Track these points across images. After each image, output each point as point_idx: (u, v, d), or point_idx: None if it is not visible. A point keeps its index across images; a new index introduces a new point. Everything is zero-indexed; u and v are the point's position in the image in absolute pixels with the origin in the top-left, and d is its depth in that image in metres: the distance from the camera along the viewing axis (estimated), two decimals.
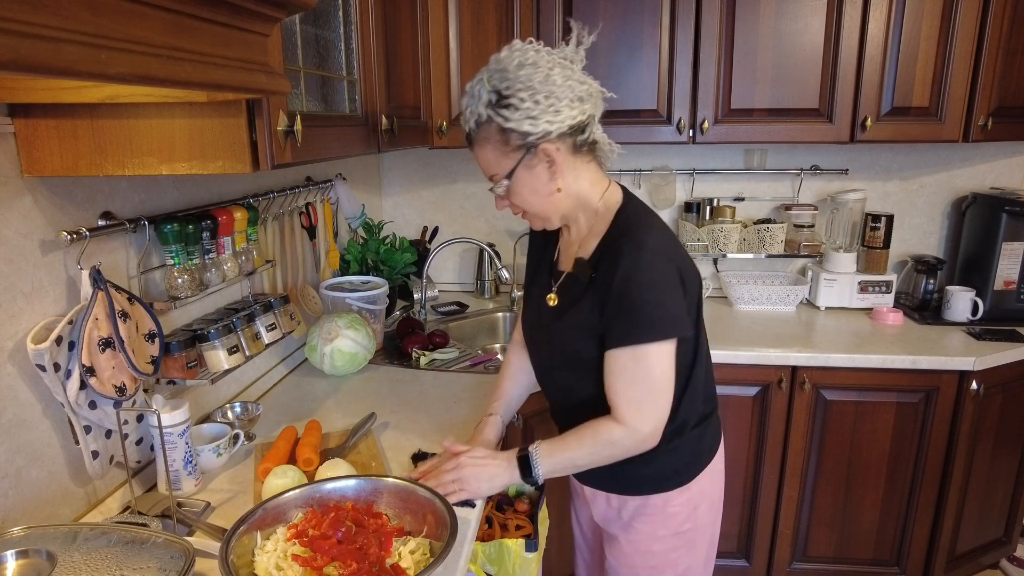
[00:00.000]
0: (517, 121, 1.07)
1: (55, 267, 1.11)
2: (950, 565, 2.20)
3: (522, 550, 1.34)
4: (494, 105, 1.08)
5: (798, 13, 2.04)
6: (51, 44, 0.55)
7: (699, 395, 1.26)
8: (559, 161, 1.12)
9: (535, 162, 1.12)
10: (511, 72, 1.07)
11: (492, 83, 1.08)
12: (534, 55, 1.09)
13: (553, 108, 1.08)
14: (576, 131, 1.12)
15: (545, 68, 1.08)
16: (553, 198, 1.16)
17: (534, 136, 1.09)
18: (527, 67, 1.07)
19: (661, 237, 1.14)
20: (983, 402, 2.04)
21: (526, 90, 1.06)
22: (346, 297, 1.92)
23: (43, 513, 1.10)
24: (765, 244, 2.42)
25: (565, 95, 1.09)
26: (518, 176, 1.13)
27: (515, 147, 1.10)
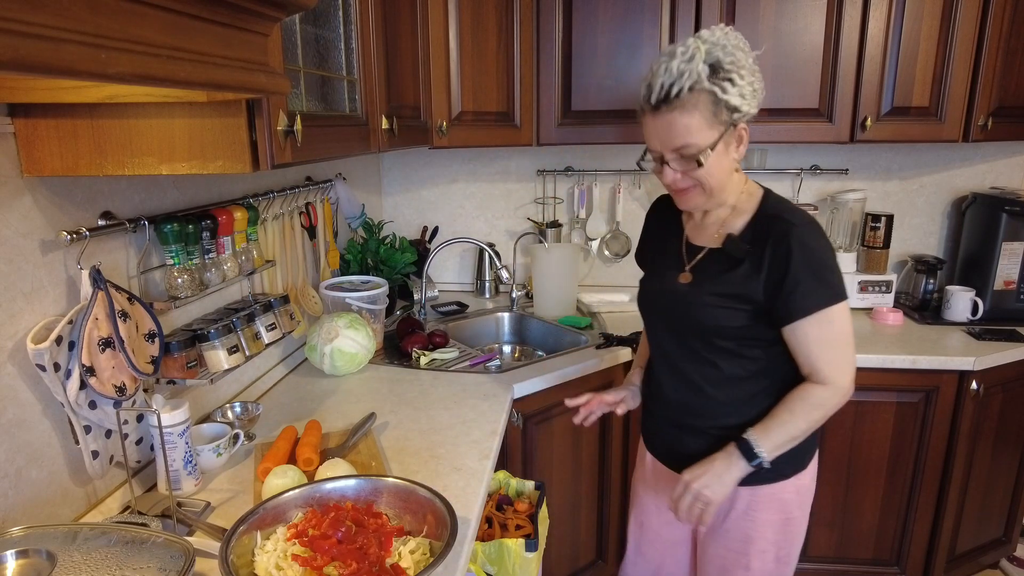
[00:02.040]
0: (732, 95, 1.12)
1: (55, 267, 1.11)
2: (950, 565, 2.20)
3: (522, 550, 1.34)
4: (713, 76, 1.12)
5: (798, 13, 2.04)
6: (51, 44, 0.55)
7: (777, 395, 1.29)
8: (746, 142, 1.20)
9: (731, 138, 1.18)
10: (732, 51, 1.12)
11: (712, 55, 1.11)
12: (741, 42, 1.15)
13: (757, 93, 1.16)
14: None
15: (748, 55, 1.15)
16: (731, 176, 1.24)
17: (740, 113, 1.15)
18: (741, 51, 1.13)
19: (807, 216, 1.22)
20: (983, 402, 2.04)
21: (744, 68, 1.13)
22: (346, 297, 1.92)
23: (43, 513, 1.10)
24: None
25: (760, 82, 1.17)
26: (717, 150, 1.17)
27: (722, 121, 1.15)
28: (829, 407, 1.23)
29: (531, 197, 2.68)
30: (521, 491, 1.58)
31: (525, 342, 2.43)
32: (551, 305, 2.35)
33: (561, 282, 2.34)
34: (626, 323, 2.25)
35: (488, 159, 2.66)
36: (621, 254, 2.63)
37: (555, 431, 1.94)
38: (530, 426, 1.87)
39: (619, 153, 2.57)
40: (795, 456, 1.29)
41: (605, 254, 2.65)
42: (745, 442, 1.22)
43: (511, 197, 2.69)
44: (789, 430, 1.23)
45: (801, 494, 1.34)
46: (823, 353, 1.21)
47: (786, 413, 1.23)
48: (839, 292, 1.19)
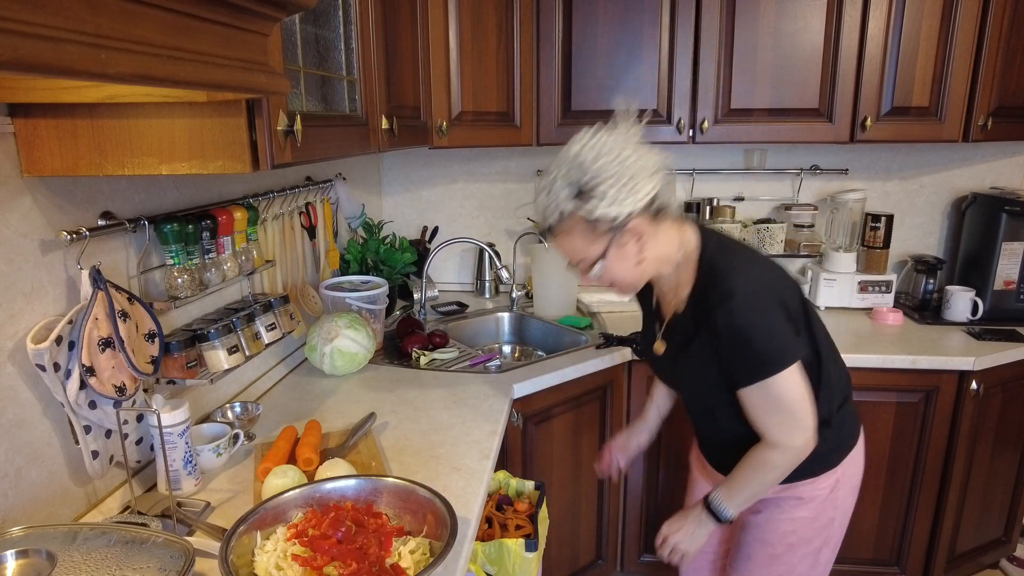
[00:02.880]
0: (604, 209, 1.12)
1: (55, 267, 1.11)
2: (950, 565, 2.20)
3: (522, 550, 1.34)
4: (577, 198, 1.13)
5: (798, 13, 2.04)
6: (51, 44, 0.55)
7: (832, 388, 1.30)
8: (645, 233, 1.17)
9: (624, 240, 1.17)
10: (588, 165, 1.12)
11: (571, 178, 1.13)
12: (604, 140, 1.14)
13: (633, 189, 1.12)
14: (653, 201, 1.16)
15: (617, 151, 1.13)
16: (640, 267, 1.22)
17: (621, 218, 1.13)
18: (602, 157, 1.12)
19: (745, 272, 1.17)
20: (983, 402, 2.04)
21: (608, 179, 1.11)
22: (346, 297, 1.92)
23: (43, 513, 1.10)
24: (765, 244, 2.42)
25: (642, 172, 1.13)
26: (610, 254, 1.18)
27: (603, 232, 1.15)
28: (782, 467, 1.24)
29: (531, 197, 2.67)
30: (521, 491, 1.58)
31: (525, 342, 2.43)
32: (551, 305, 2.35)
33: (561, 282, 2.34)
34: (626, 323, 2.25)
35: (488, 159, 2.66)
36: None
37: (555, 431, 1.94)
38: (530, 426, 1.87)
39: None
40: (824, 456, 1.30)
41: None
42: (712, 503, 1.29)
43: (511, 197, 2.69)
44: (750, 489, 1.27)
45: (833, 490, 1.34)
46: (768, 418, 1.21)
47: (742, 476, 1.27)
48: (775, 362, 1.15)
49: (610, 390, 2.05)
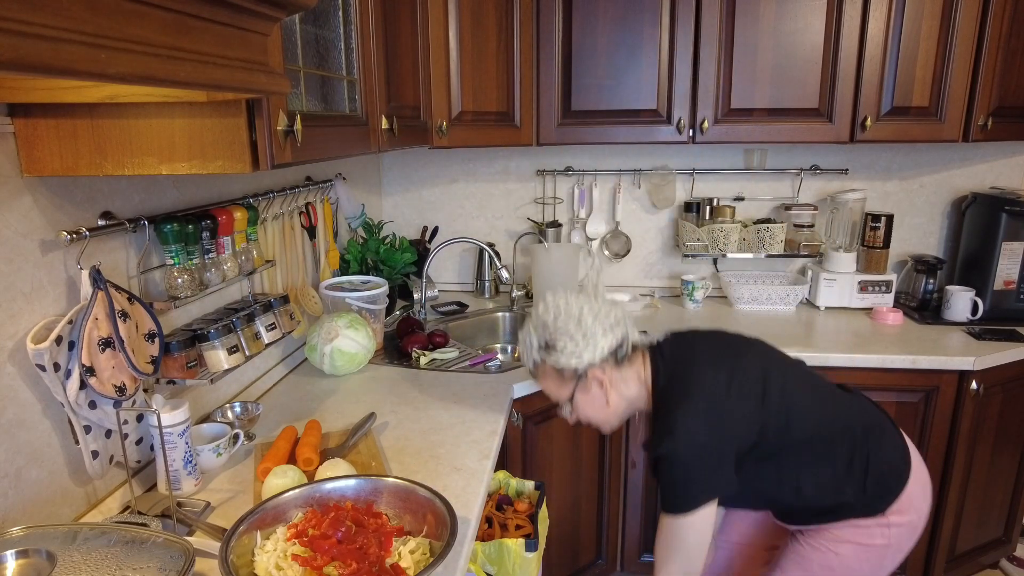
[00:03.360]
0: (565, 360, 1.30)
1: (55, 267, 1.11)
2: (950, 565, 2.20)
3: (522, 550, 1.34)
4: (543, 351, 1.33)
5: (798, 13, 2.04)
6: (51, 44, 0.55)
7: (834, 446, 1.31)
8: (606, 380, 1.33)
9: (588, 385, 1.33)
10: (550, 325, 1.32)
11: (538, 335, 1.34)
12: (564, 304, 1.33)
13: (590, 343, 1.29)
14: (615, 351, 1.32)
15: (576, 312, 1.32)
16: (609, 409, 1.37)
17: (581, 368, 1.30)
18: (561, 317, 1.31)
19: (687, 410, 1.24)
20: (983, 402, 2.04)
21: (565, 336, 1.30)
22: (346, 297, 1.92)
23: (43, 513, 1.10)
24: (765, 244, 2.42)
25: (598, 329, 1.30)
26: (577, 399, 1.36)
27: (569, 378, 1.33)
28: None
29: (531, 197, 2.68)
30: (521, 491, 1.58)
31: None
32: None
33: (561, 282, 2.34)
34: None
35: (488, 159, 2.66)
36: (621, 254, 2.63)
37: (555, 431, 1.94)
38: (530, 426, 1.87)
39: (619, 153, 2.57)
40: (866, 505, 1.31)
41: (605, 254, 2.65)
42: None
43: (511, 197, 2.69)
44: None
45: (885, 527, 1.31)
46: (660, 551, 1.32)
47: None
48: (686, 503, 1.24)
49: None
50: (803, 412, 1.30)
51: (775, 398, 1.28)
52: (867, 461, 1.30)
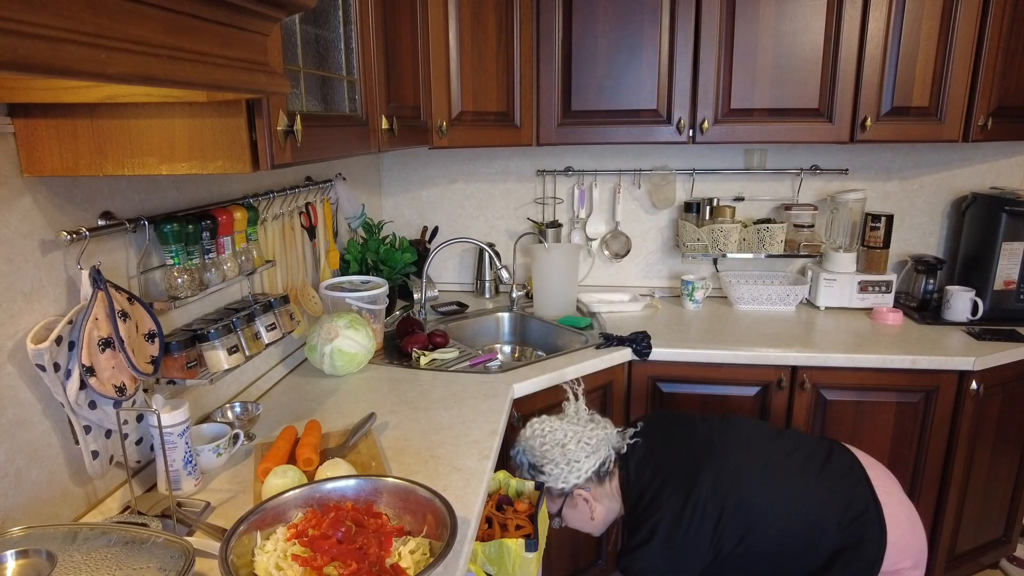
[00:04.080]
0: (552, 482, 1.45)
1: (55, 267, 1.11)
2: (950, 565, 2.20)
3: (522, 550, 1.34)
4: (532, 471, 1.48)
5: (798, 13, 2.04)
6: (51, 44, 0.55)
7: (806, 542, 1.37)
8: (591, 497, 1.47)
9: (575, 501, 1.48)
10: (537, 450, 1.47)
11: (527, 455, 1.48)
12: (549, 432, 1.47)
13: (574, 467, 1.44)
14: (598, 470, 1.45)
15: (560, 439, 1.45)
16: (594, 522, 1.52)
17: (567, 488, 1.45)
18: (547, 444, 1.45)
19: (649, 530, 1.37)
20: (983, 402, 2.04)
21: (550, 462, 1.45)
22: (346, 297, 1.92)
23: (43, 513, 1.10)
24: (765, 244, 2.42)
25: (580, 454, 1.44)
26: (565, 513, 1.52)
27: (557, 496, 1.49)
28: None
29: (531, 197, 2.68)
30: (521, 491, 1.58)
31: (525, 342, 2.43)
32: (551, 305, 2.35)
33: (561, 282, 2.34)
34: (625, 323, 2.25)
35: (488, 159, 2.66)
36: (621, 254, 2.63)
37: None
38: None
39: (619, 153, 2.57)
40: None
41: (605, 254, 2.65)
42: None
43: (511, 197, 2.69)
44: None
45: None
46: None
47: None
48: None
49: (610, 390, 2.05)
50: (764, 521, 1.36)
51: (733, 510, 1.36)
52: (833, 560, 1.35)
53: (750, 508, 1.35)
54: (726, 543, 1.35)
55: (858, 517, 1.37)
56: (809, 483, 1.40)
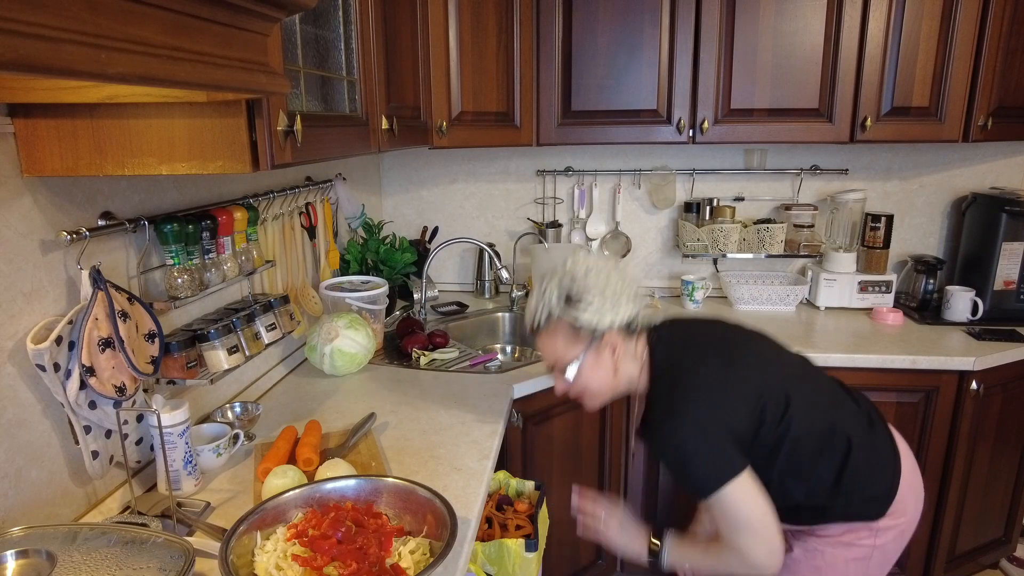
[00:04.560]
0: (587, 317, 1.25)
1: (55, 267, 1.11)
2: (950, 565, 2.20)
3: (522, 550, 1.34)
4: (564, 304, 1.27)
5: (798, 13, 2.04)
6: (51, 44, 0.55)
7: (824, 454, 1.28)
8: (619, 347, 1.29)
9: (601, 349, 1.28)
10: (580, 278, 1.27)
11: (563, 286, 1.28)
12: (595, 262, 1.29)
13: (615, 305, 1.26)
14: (630, 323, 1.28)
15: (605, 273, 1.28)
16: (616, 379, 1.32)
17: (601, 328, 1.26)
18: (592, 273, 1.27)
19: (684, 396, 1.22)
20: (983, 402, 2.04)
21: (594, 291, 1.25)
22: (346, 297, 1.92)
23: (43, 513, 1.10)
24: (765, 244, 2.42)
25: (623, 294, 1.27)
26: (585, 362, 1.29)
27: (583, 338, 1.27)
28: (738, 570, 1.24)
29: (531, 197, 2.68)
30: (521, 491, 1.58)
31: (525, 342, 2.43)
32: None
33: None
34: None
35: (488, 159, 2.66)
36: (621, 254, 2.63)
37: (555, 431, 1.94)
38: (530, 426, 1.87)
39: (619, 153, 2.57)
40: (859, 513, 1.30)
41: (605, 254, 2.65)
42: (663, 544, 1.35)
43: (511, 197, 2.69)
44: (696, 562, 1.32)
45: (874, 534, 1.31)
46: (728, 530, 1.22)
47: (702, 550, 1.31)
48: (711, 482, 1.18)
49: None
50: (801, 408, 1.27)
51: (774, 390, 1.26)
52: (856, 474, 1.29)
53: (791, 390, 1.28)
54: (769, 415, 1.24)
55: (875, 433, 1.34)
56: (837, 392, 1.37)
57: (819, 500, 1.29)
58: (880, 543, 1.32)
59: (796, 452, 1.27)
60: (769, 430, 1.24)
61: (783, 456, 1.26)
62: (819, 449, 1.28)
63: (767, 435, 1.25)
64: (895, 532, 1.32)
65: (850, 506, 1.29)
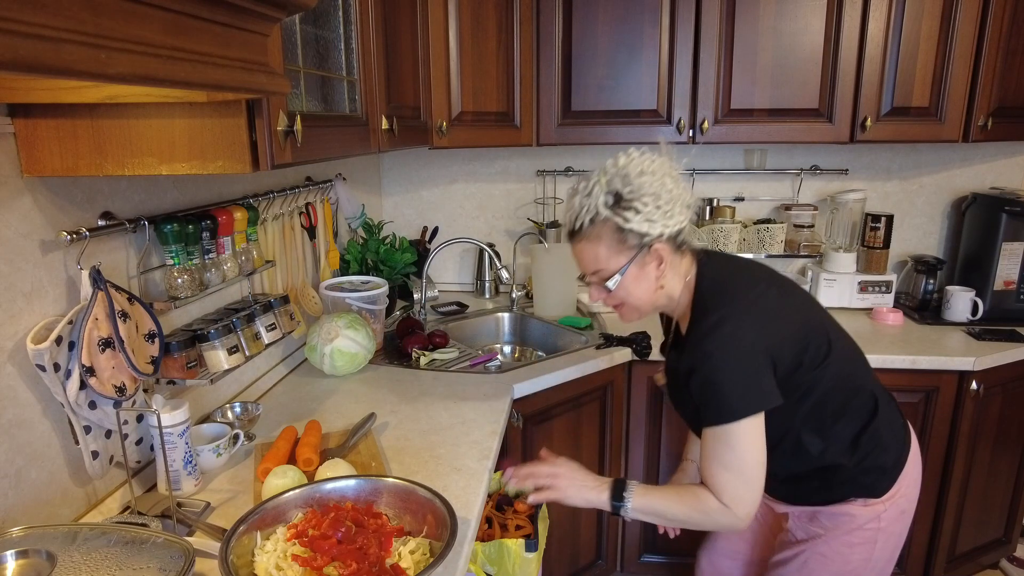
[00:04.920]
0: (638, 222, 1.15)
1: (55, 267, 1.11)
2: (950, 565, 2.20)
3: (522, 550, 1.34)
4: (614, 206, 1.16)
5: (798, 13, 2.04)
6: (51, 44, 0.55)
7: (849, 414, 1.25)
8: (667, 260, 1.20)
9: (647, 260, 1.19)
10: (633, 178, 1.15)
11: (613, 186, 1.16)
12: (650, 163, 1.17)
13: (668, 213, 1.16)
14: (679, 233, 1.20)
15: (660, 176, 1.16)
16: (655, 294, 1.24)
17: (651, 237, 1.16)
18: (647, 175, 1.15)
19: (734, 311, 1.15)
20: (983, 402, 2.04)
21: (648, 195, 1.15)
22: (346, 297, 1.92)
23: (43, 513, 1.10)
24: (765, 244, 2.42)
25: (678, 201, 1.17)
26: (629, 272, 1.20)
27: (631, 246, 1.18)
28: (712, 521, 1.19)
29: (531, 197, 2.68)
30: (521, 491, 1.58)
31: (525, 342, 2.43)
32: (551, 305, 2.35)
33: (561, 282, 2.34)
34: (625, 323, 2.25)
35: (488, 159, 2.66)
36: None
37: (555, 431, 1.94)
38: (530, 426, 1.87)
39: None
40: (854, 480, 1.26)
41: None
42: (622, 485, 1.24)
43: (511, 197, 2.69)
44: (664, 509, 1.23)
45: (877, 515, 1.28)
46: (717, 472, 1.16)
47: (673, 494, 1.24)
48: (734, 410, 1.12)
49: (610, 390, 2.05)
50: (841, 358, 1.24)
51: (820, 332, 1.22)
52: (873, 439, 1.25)
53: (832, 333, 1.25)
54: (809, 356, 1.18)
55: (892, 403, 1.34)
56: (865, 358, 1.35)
57: (831, 459, 1.24)
58: (884, 525, 1.29)
59: (824, 403, 1.22)
60: (805, 372, 1.19)
61: (810, 404, 1.21)
62: (845, 404, 1.24)
63: (802, 377, 1.19)
64: (896, 512, 1.30)
65: (859, 474, 1.25)
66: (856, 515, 1.28)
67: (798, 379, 1.18)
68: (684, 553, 2.16)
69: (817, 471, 1.27)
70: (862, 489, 1.27)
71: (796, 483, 1.31)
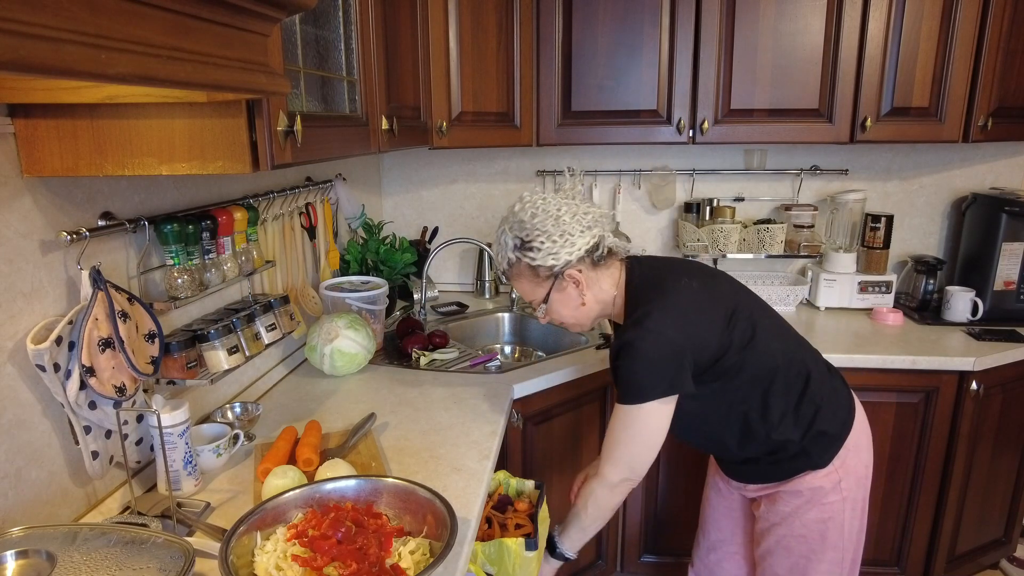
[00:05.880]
0: (542, 258, 1.29)
1: (55, 267, 1.11)
2: (950, 565, 2.20)
3: (522, 550, 1.34)
4: (519, 249, 1.31)
5: (798, 13, 2.04)
6: (51, 44, 0.55)
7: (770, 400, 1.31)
8: (583, 280, 1.32)
9: (564, 285, 1.33)
10: (527, 222, 1.29)
11: (513, 233, 1.31)
12: (542, 203, 1.30)
13: (568, 242, 1.28)
14: (592, 251, 1.31)
15: (554, 211, 1.29)
16: (583, 309, 1.37)
17: (559, 266, 1.29)
18: (539, 215, 1.29)
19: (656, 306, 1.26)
20: (983, 402, 2.04)
21: (543, 234, 1.28)
22: (346, 297, 1.92)
23: (43, 513, 1.10)
24: (765, 244, 2.42)
25: (575, 228, 1.29)
26: (552, 299, 1.35)
27: (545, 277, 1.32)
28: (602, 502, 1.34)
29: None
30: (521, 491, 1.58)
31: (525, 342, 2.43)
32: None
33: None
34: None
35: (488, 159, 2.66)
36: None
37: (555, 431, 1.94)
38: (530, 426, 1.87)
39: (619, 153, 2.57)
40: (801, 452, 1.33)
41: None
42: (551, 540, 1.42)
43: (511, 197, 2.69)
44: (579, 523, 1.39)
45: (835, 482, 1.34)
46: (607, 441, 1.32)
47: (573, 512, 1.40)
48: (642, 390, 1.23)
49: (610, 390, 2.05)
50: (767, 336, 1.33)
51: (744, 314, 1.31)
52: (814, 404, 1.33)
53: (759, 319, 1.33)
54: (736, 337, 1.28)
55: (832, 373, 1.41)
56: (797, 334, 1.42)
57: (780, 436, 1.32)
58: (847, 494, 1.35)
59: (757, 378, 1.30)
60: (734, 354, 1.28)
61: (744, 382, 1.30)
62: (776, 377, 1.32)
63: (731, 359, 1.28)
64: (854, 479, 1.36)
65: (808, 445, 1.32)
66: (817, 487, 1.34)
67: (728, 361, 1.28)
68: (683, 553, 2.16)
69: (770, 452, 1.35)
70: (809, 461, 1.34)
71: (755, 463, 1.39)
